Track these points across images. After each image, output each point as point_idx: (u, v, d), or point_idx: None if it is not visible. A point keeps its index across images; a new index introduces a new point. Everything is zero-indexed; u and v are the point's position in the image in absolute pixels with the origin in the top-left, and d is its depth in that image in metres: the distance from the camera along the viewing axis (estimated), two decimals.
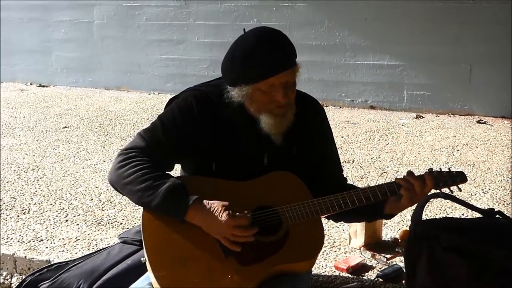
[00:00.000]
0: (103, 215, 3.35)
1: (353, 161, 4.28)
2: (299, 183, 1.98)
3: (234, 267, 1.81)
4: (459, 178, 2.04)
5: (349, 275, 2.59)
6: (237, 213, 1.84)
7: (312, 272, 2.52)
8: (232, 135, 1.96)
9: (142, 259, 1.89)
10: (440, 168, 2.06)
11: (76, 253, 2.86)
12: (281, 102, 1.88)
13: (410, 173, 1.98)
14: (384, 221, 3.05)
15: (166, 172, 1.97)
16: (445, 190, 2.05)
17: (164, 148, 1.92)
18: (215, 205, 1.83)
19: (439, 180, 2.01)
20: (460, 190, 2.06)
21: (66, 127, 5.42)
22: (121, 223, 3.21)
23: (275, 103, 1.89)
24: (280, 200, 1.91)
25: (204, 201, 1.84)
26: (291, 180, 1.98)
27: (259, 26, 1.96)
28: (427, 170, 2.03)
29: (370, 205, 1.97)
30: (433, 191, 2.06)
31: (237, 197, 1.89)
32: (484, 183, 3.80)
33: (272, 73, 1.84)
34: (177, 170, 2.15)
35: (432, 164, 4.19)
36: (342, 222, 2.68)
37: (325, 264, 2.69)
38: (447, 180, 2.02)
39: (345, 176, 2.25)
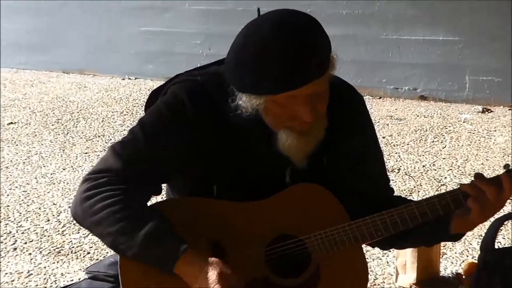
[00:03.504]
0: (64, 241, 3.35)
1: (399, 170, 4.29)
2: (331, 199, 1.97)
3: None
4: None
5: None
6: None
7: None
8: (241, 144, 1.94)
9: None
10: None
11: None
12: (305, 119, 1.84)
13: (479, 176, 1.93)
14: (442, 250, 3.05)
15: (151, 197, 1.94)
16: None
17: (147, 168, 1.88)
18: (211, 270, 1.79)
19: None
20: None
21: (12, 123, 5.43)
22: (88, 253, 3.22)
23: (298, 119, 1.84)
24: (306, 224, 1.90)
25: (199, 255, 1.80)
26: (319, 196, 1.97)
27: (279, 11, 1.83)
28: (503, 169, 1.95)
29: (429, 223, 1.95)
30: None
31: (247, 225, 1.87)
32: None
33: (292, 87, 1.77)
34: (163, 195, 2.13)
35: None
36: (391, 249, 2.71)
37: None
38: None
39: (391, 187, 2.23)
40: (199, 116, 1.90)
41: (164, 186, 2.10)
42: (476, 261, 2.45)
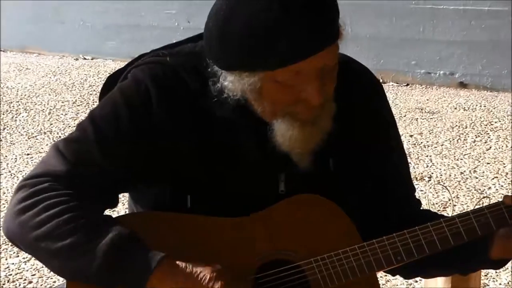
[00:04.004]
0: None
1: (430, 177, 4.16)
2: (338, 214, 1.90)
3: None
4: None
5: None
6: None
7: None
8: (222, 142, 1.88)
9: None
10: None
11: None
12: (313, 102, 1.78)
13: None
14: (483, 280, 3.00)
15: (105, 210, 1.89)
16: None
17: (97, 173, 1.82)
18: (200, 269, 1.73)
19: None
20: None
21: None
22: (30, 282, 3.12)
23: (303, 103, 1.79)
24: (305, 246, 1.85)
25: (178, 262, 1.75)
26: (322, 210, 1.91)
27: None
28: None
29: (464, 246, 1.88)
30: None
31: (230, 246, 1.83)
32: None
33: (300, 56, 1.74)
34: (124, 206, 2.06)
35: None
36: (417, 278, 2.69)
37: None
38: None
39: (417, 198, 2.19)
40: (168, 108, 1.86)
41: (125, 196, 2.07)
42: None
